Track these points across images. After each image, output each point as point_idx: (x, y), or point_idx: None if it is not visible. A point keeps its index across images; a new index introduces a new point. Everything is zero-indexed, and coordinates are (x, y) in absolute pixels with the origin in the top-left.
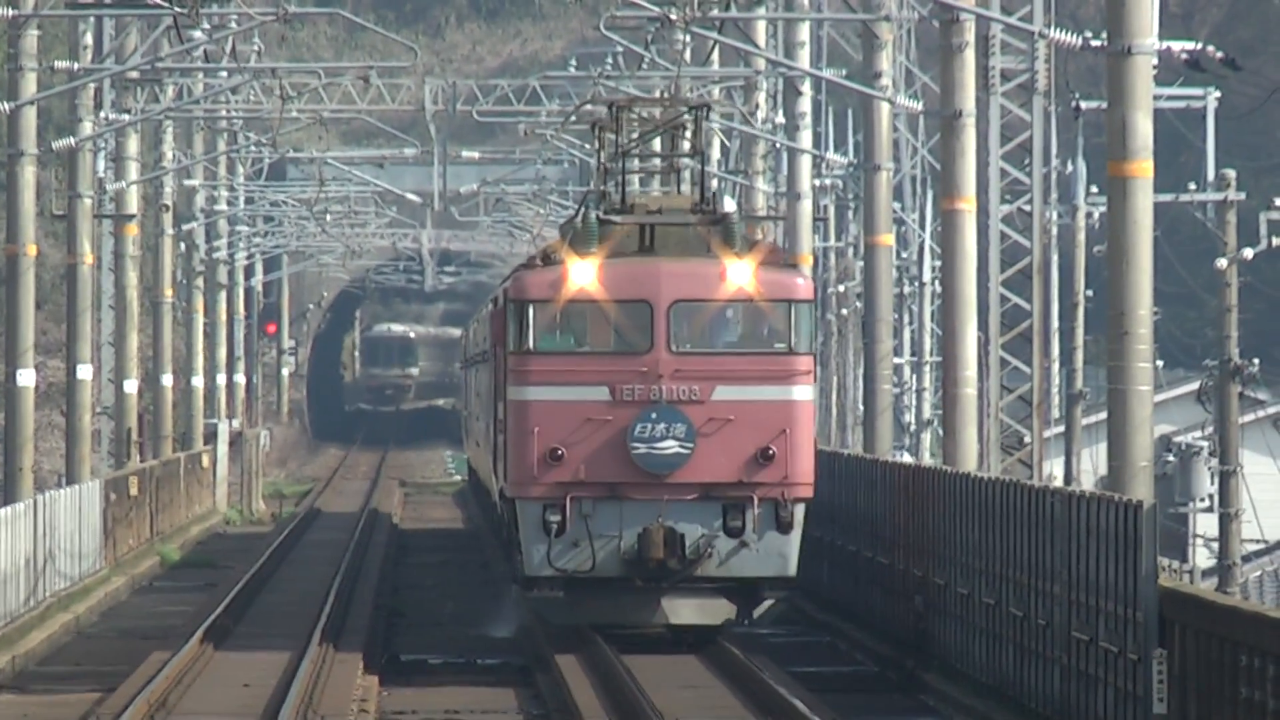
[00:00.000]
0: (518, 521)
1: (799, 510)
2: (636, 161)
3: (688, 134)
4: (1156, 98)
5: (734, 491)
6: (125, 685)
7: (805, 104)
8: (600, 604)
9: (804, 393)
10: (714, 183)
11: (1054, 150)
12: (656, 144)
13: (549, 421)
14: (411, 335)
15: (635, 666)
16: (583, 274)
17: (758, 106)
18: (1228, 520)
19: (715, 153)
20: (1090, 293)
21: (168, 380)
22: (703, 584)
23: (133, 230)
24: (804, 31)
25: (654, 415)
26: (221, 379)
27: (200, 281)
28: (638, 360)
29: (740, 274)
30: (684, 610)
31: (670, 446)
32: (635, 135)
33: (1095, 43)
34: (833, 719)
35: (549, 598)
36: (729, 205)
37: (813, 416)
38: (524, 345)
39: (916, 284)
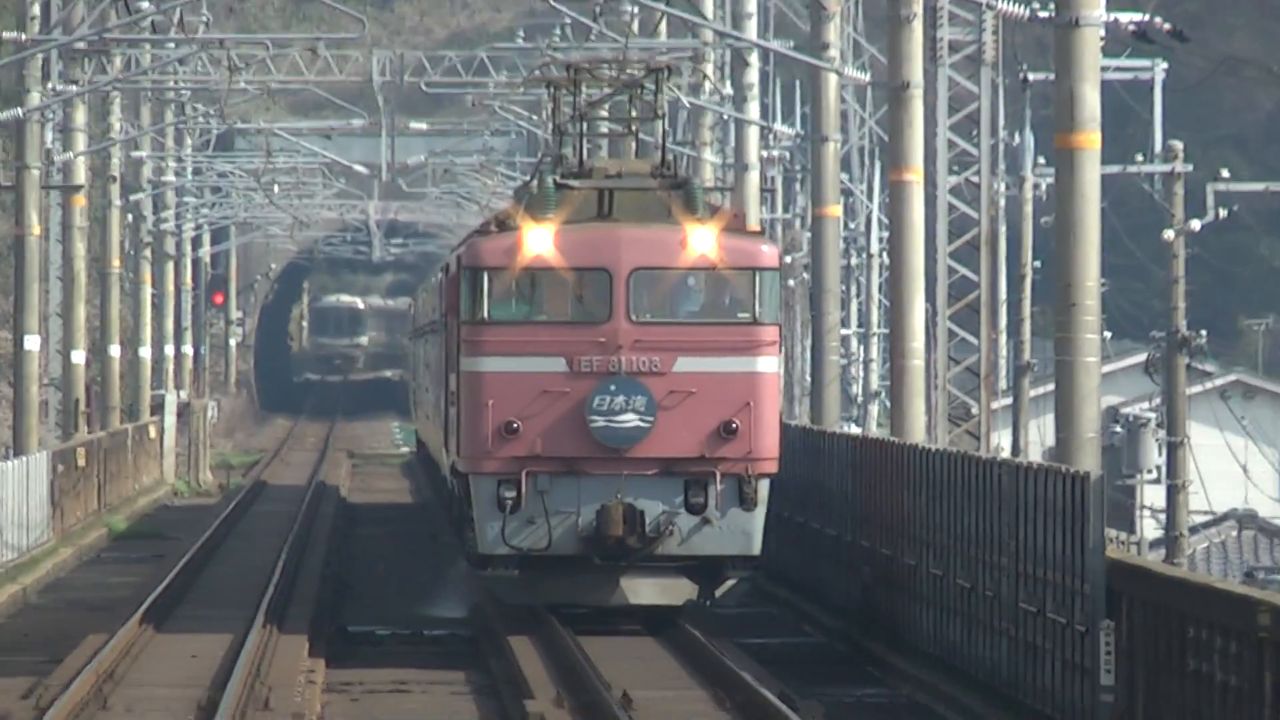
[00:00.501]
0: (471, 497)
1: (764, 486)
2: (596, 125)
3: (647, 97)
4: (1104, 69)
5: (696, 467)
6: (72, 657)
7: (753, 75)
8: (557, 583)
9: (769, 364)
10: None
11: (1001, 122)
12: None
13: (504, 394)
14: (360, 306)
15: (584, 638)
16: (539, 240)
17: (705, 77)
18: (1175, 492)
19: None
20: (1038, 264)
21: (115, 351)
22: (664, 563)
23: (80, 201)
24: (751, 3)
25: (613, 387)
26: (169, 350)
27: (148, 252)
28: (596, 330)
29: (703, 241)
30: (644, 590)
31: (630, 420)
32: (593, 97)
33: (1043, 14)
34: (780, 690)
35: (503, 577)
36: None
37: (778, 389)
38: (478, 315)
39: (864, 255)
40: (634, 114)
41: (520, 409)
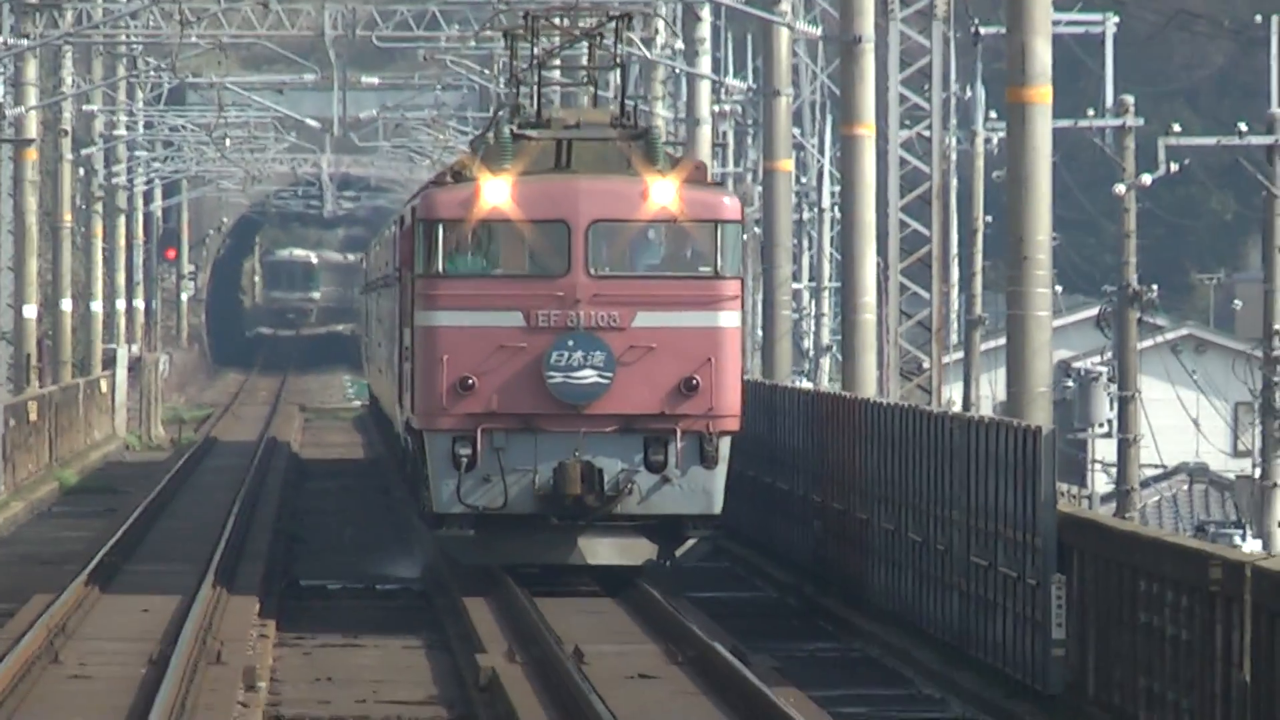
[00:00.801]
0: (425, 455)
1: (725, 444)
2: (553, 75)
3: (606, 45)
4: (1055, 23)
5: (656, 424)
6: (24, 610)
7: (704, 29)
8: (513, 543)
9: (731, 319)
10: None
11: (953, 76)
12: (560, 71)
13: (459, 349)
14: (314, 260)
15: (540, 599)
16: (496, 192)
17: (657, 32)
18: (1126, 446)
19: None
20: (989, 218)
21: (67, 305)
22: (623, 522)
23: (32, 155)
24: None
25: (571, 342)
26: (121, 304)
27: (99, 207)
28: (554, 284)
29: (663, 192)
30: (602, 550)
31: (588, 376)
32: (551, 46)
33: None
34: (732, 645)
35: (458, 536)
36: None
37: (740, 344)
38: (433, 268)
39: (816, 210)
40: (592, 63)
41: (476, 364)
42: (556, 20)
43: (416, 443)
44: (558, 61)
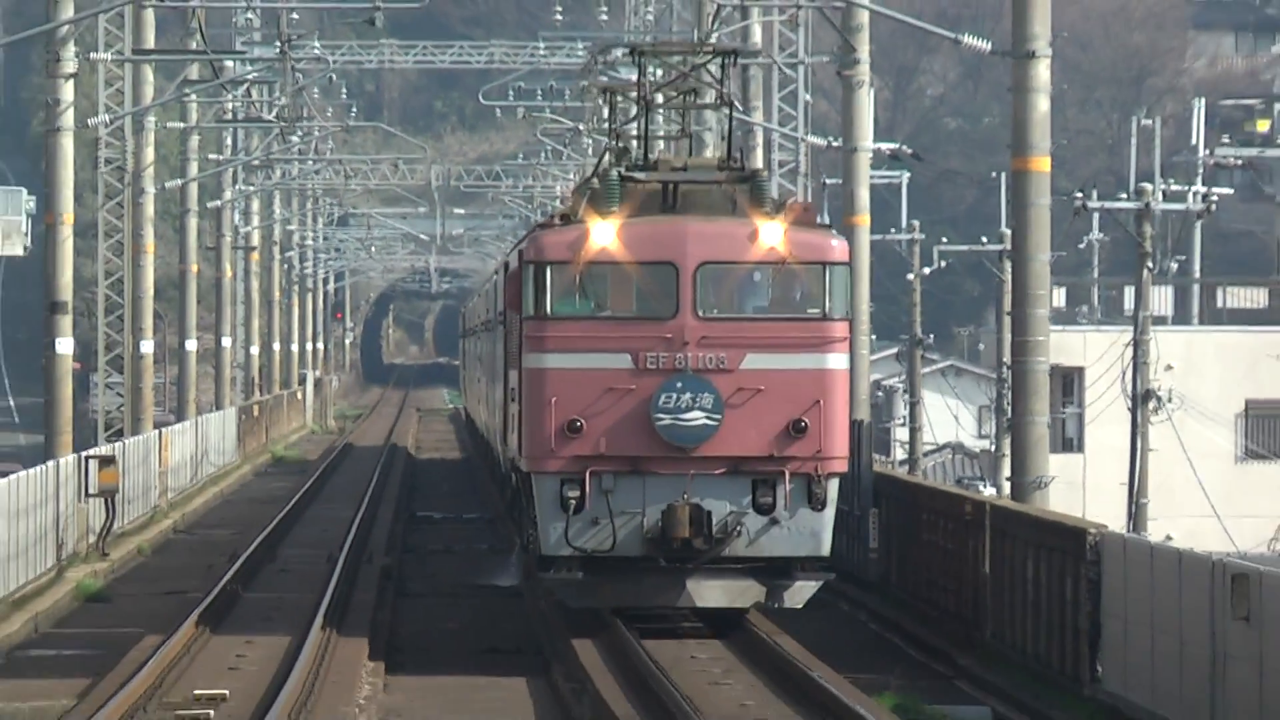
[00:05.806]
0: (533, 497)
1: (833, 486)
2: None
3: (714, 81)
4: (872, 177)
5: (764, 466)
6: (254, 530)
7: None
8: (621, 586)
9: (839, 361)
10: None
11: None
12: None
13: (567, 391)
14: None
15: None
16: (604, 234)
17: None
18: (914, 432)
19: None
20: None
21: (276, 347)
22: (731, 564)
23: (255, 257)
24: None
25: (679, 385)
26: (309, 346)
27: (296, 288)
28: (662, 326)
29: (771, 234)
30: (710, 593)
31: (696, 418)
32: (657, 85)
33: (835, 144)
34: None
35: (567, 579)
36: None
37: (847, 386)
38: (541, 310)
39: None
40: (697, 100)
41: (584, 407)
42: (664, 54)
43: (524, 483)
44: (664, 106)
